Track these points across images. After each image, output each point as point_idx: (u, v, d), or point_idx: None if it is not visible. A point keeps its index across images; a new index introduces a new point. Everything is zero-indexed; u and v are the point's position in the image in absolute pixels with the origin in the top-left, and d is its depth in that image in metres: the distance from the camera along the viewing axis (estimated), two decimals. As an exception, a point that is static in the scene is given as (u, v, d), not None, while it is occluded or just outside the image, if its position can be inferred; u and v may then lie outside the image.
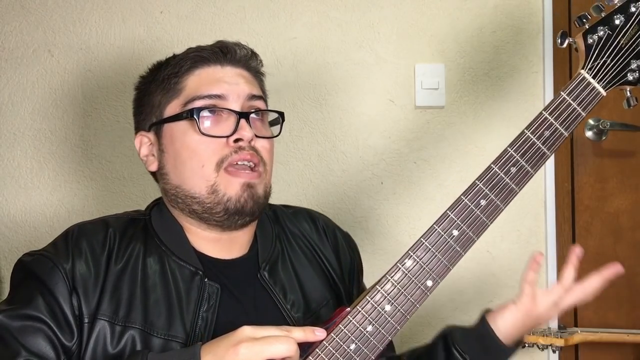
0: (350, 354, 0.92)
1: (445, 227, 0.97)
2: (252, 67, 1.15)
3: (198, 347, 0.89)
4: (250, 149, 1.07)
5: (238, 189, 1.05)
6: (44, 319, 0.97)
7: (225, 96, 1.08)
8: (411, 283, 0.95)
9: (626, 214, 1.76)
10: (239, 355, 0.85)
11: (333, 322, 0.94)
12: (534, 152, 0.99)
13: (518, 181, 0.98)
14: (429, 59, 1.73)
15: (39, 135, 1.69)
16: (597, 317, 1.73)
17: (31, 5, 1.70)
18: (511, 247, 1.73)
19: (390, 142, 1.72)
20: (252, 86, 1.12)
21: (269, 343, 0.86)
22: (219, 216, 1.07)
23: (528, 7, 1.74)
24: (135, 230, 1.09)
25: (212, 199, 1.06)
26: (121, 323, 1.00)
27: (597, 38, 1.01)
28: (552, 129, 0.99)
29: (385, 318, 0.94)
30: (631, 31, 1.01)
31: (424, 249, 0.96)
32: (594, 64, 1.01)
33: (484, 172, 0.98)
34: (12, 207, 1.67)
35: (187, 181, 1.07)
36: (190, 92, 1.09)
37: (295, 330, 0.90)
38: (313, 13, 1.73)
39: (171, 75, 1.11)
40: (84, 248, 1.03)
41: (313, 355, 0.92)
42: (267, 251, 1.15)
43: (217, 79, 1.09)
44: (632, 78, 1.02)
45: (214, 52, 1.12)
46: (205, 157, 1.06)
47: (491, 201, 0.98)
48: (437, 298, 1.70)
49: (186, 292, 1.04)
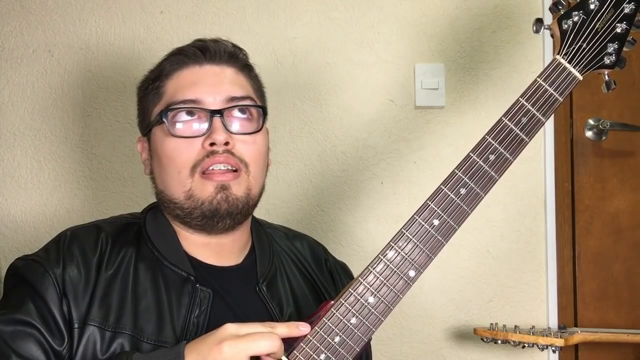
0: (334, 346, 0.92)
1: (425, 217, 0.96)
2: (236, 62, 1.12)
3: (182, 346, 0.89)
4: (225, 151, 1.04)
5: (211, 191, 1.04)
6: (34, 324, 0.97)
7: (201, 100, 1.06)
8: (394, 274, 0.95)
9: (626, 214, 1.76)
10: (222, 354, 0.85)
11: (317, 316, 0.94)
12: (512, 139, 0.99)
13: (497, 168, 0.98)
14: (429, 59, 1.73)
15: (39, 135, 1.69)
16: (597, 317, 1.73)
17: (31, 5, 1.70)
18: (511, 247, 1.73)
19: (390, 142, 1.72)
20: (234, 86, 1.09)
21: (252, 340, 0.86)
22: (197, 221, 1.06)
23: (528, 7, 1.74)
24: (128, 235, 1.09)
25: (190, 204, 1.05)
26: (111, 329, 0.99)
27: (571, 23, 1.01)
28: (529, 115, 0.99)
29: (369, 310, 0.94)
30: (606, 15, 1.01)
31: (405, 239, 0.96)
32: (570, 48, 1.01)
33: (463, 161, 0.98)
34: (12, 207, 1.67)
35: (168, 187, 1.07)
36: (168, 97, 1.08)
37: (279, 326, 0.91)
38: (313, 13, 1.73)
39: (155, 79, 1.11)
40: (76, 253, 1.03)
41: (298, 350, 0.92)
42: (266, 265, 1.13)
43: (193, 82, 1.07)
44: (609, 61, 1.02)
45: (191, 52, 1.10)
46: (180, 163, 1.05)
47: (471, 189, 0.97)
48: (437, 298, 1.70)
49: (177, 297, 1.04)
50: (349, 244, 1.70)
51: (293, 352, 0.92)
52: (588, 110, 1.76)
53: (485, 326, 1.61)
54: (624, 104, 1.77)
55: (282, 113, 1.70)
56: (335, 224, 1.71)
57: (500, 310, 1.71)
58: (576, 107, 1.77)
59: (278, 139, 1.70)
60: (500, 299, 1.72)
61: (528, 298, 1.72)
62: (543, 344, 1.55)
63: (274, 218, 1.33)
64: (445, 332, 1.70)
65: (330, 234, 1.70)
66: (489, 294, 1.72)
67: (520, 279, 1.72)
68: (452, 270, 1.71)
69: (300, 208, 1.71)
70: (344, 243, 1.70)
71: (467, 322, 1.71)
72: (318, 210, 1.71)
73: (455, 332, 1.70)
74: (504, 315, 1.70)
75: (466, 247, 1.71)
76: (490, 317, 1.69)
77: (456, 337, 1.70)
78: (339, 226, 1.71)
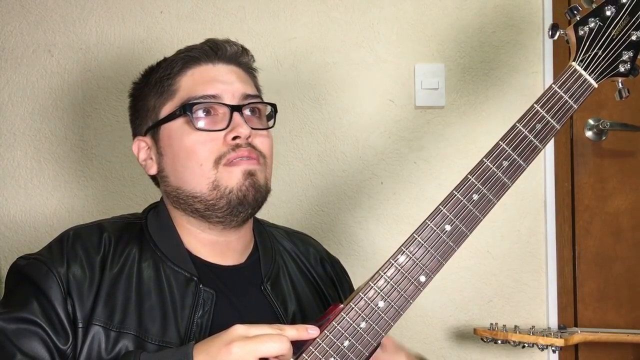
0: (344, 350, 0.92)
1: (437, 222, 0.96)
2: (243, 64, 1.14)
3: (191, 347, 0.89)
4: (247, 145, 1.06)
5: (240, 177, 1.04)
6: (39, 322, 0.97)
7: (220, 96, 1.07)
8: (404, 279, 0.95)
9: (626, 214, 1.76)
10: (231, 355, 0.85)
11: (326, 319, 0.93)
12: (526, 145, 0.98)
13: (510, 175, 0.98)
14: (429, 59, 1.73)
15: (39, 135, 1.69)
16: (597, 317, 1.73)
17: (31, 5, 1.70)
18: (511, 247, 1.73)
19: (390, 142, 1.72)
20: (247, 85, 1.11)
21: (261, 342, 0.86)
22: (221, 211, 1.05)
23: (528, 7, 1.74)
24: (130, 234, 1.09)
25: (215, 195, 1.04)
26: (116, 329, 0.99)
27: (588, 30, 1.01)
28: (543, 121, 0.99)
29: (379, 314, 0.93)
30: (622, 22, 1.01)
31: (416, 244, 0.95)
32: (585, 55, 1.00)
33: (476, 167, 0.98)
34: (12, 207, 1.67)
35: (188, 182, 1.06)
36: (185, 93, 1.08)
37: (288, 329, 0.90)
38: (313, 13, 1.73)
39: (164, 77, 1.10)
40: (79, 252, 1.03)
41: (307, 353, 0.91)
42: (269, 265, 1.14)
43: (211, 78, 1.09)
44: (624, 69, 1.01)
45: (204, 50, 1.11)
46: (203, 156, 1.05)
47: (484, 195, 0.97)
48: (437, 298, 1.70)
49: (181, 298, 1.04)
50: (349, 244, 1.70)
51: (302, 355, 0.91)
52: (588, 110, 1.75)
53: (485, 326, 1.61)
54: (624, 104, 1.77)
55: (282, 113, 1.69)
56: (335, 224, 1.71)
57: (500, 310, 1.71)
58: (576, 107, 1.77)
59: (278, 139, 1.69)
60: (500, 299, 1.72)
61: (528, 298, 1.72)
62: (543, 344, 1.55)
63: (274, 218, 1.33)
64: (445, 332, 1.70)
65: (330, 234, 1.70)
66: (489, 294, 1.72)
67: (520, 279, 1.72)
68: (452, 270, 1.71)
69: (300, 208, 1.71)
70: (344, 243, 1.70)
71: (467, 322, 1.71)
72: (318, 210, 1.71)
73: (455, 332, 1.70)
74: (504, 315, 1.70)
75: (466, 247, 1.68)
76: (490, 317, 1.69)
77: (456, 337, 1.70)
78: (339, 226, 1.71)
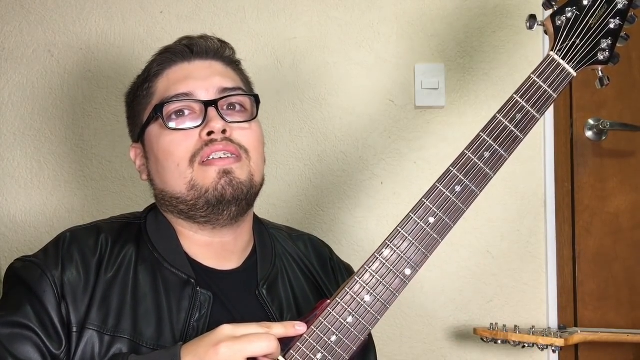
0: (331, 345, 0.92)
1: (421, 214, 0.96)
2: (223, 57, 1.12)
3: (178, 348, 0.89)
4: (223, 139, 1.04)
5: (214, 176, 1.02)
6: (32, 326, 0.96)
7: (193, 93, 1.06)
8: (390, 272, 0.95)
9: (626, 214, 1.76)
10: (219, 355, 0.85)
11: (313, 315, 0.94)
12: (506, 136, 0.99)
13: (492, 166, 0.98)
14: (429, 59, 1.73)
15: (39, 135, 1.68)
16: (597, 317, 1.73)
17: (31, 5, 1.70)
18: (511, 247, 1.73)
19: (390, 142, 1.72)
20: (225, 78, 1.09)
21: (249, 341, 0.86)
22: (203, 211, 1.05)
23: (528, 8, 1.74)
24: (128, 236, 1.08)
25: (193, 195, 1.04)
26: (110, 333, 0.99)
27: (565, 19, 1.01)
28: (523, 111, 1.00)
29: (365, 308, 0.93)
30: (600, 11, 1.01)
31: (401, 237, 0.95)
32: (563, 45, 1.01)
33: (458, 158, 0.98)
34: (12, 207, 1.67)
35: (168, 183, 1.06)
36: (160, 94, 1.08)
37: (275, 327, 0.90)
38: (313, 13, 1.73)
39: (143, 81, 1.11)
40: (75, 255, 1.02)
41: (294, 350, 0.92)
42: (267, 268, 1.13)
43: (184, 76, 1.08)
44: (603, 57, 1.02)
45: (179, 50, 1.10)
46: (179, 156, 1.04)
47: (466, 187, 0.97)
48: (437, 298, 1.70)
49: (177, 300, 1.03)
50: (349, 244, 1.70)
51: (290, 351, 0.92)
52: (588, 110, 1.75)
53: (485, 326, 1.61)
54: (624, 104, 1.77)
55: (282, 113, 1.70)
56: (335, 224, 1.71)
57: (500, 310, 1.71)
58: (576, 107, 1.76)
59: (278, 139, 1.70)
60: (500, 299, 1.72)
61: (528, 298, 1.72)
62: (543, 344, 1.55)
63: (274, 218, 1.33)
64: (445, 332, 1.70)
65: (330, 234, 1.70)
66: (489, 294, 1.72)
67: (520, 279, 1.72)
68: (452, 270, 1.71)
69: (300, 208, 1.71)
70: (344, 243, 1.70)
71: (467, 322, 1.70)
72: (318, 210, 1.71)
73: (455, 332, 1.70)
74: (504, 315, 1.70)
75: (466, 247, 1.71)
76: (490, 317, 1.69)
77: (456, 337, 1.70)
78: (339, 226, 1.71)
